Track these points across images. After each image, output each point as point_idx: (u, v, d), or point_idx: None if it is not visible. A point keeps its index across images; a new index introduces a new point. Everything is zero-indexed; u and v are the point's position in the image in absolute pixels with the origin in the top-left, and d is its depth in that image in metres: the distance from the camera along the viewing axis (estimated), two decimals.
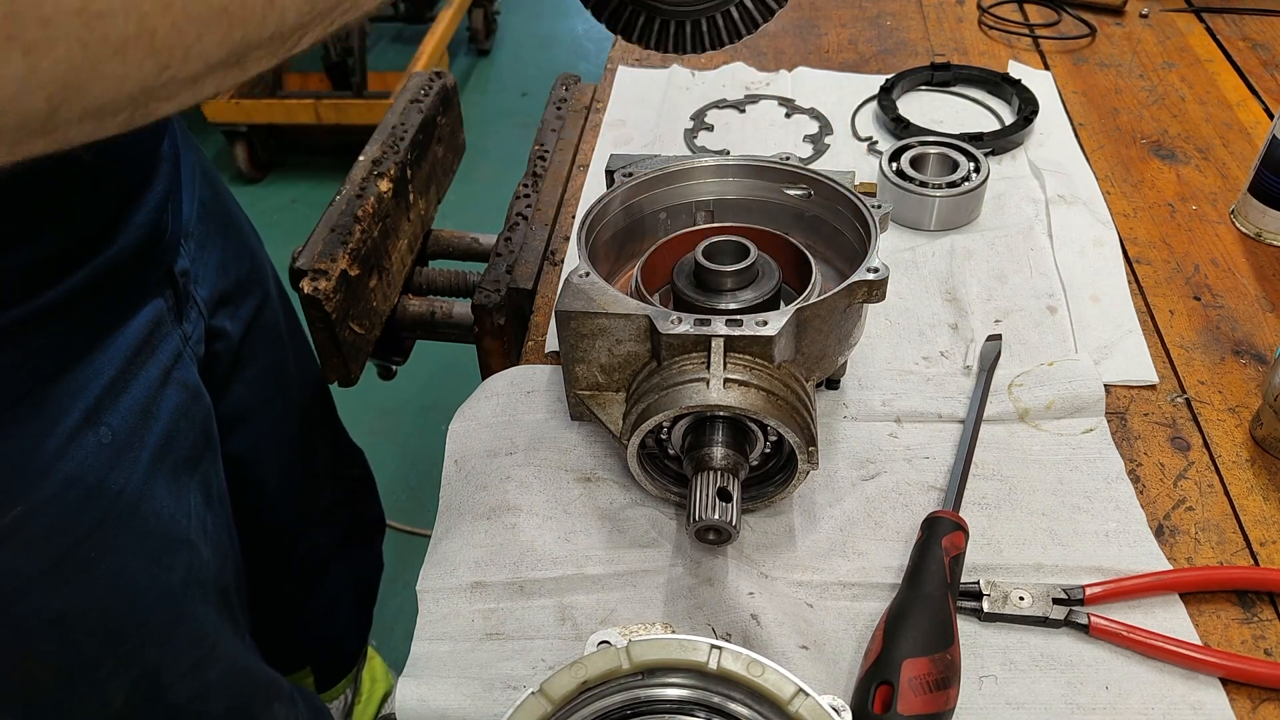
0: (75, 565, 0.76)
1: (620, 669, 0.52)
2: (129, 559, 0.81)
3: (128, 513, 0.78)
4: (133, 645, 0.85)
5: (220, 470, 0.95)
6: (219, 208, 0.99)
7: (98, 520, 0.76)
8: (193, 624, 0.91)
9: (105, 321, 0.75)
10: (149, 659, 0.87)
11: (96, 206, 0.71)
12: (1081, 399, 0.83)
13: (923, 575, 0.67)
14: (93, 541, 0.76)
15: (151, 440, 0.80)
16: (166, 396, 0.82)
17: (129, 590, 0.82)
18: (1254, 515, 0.75)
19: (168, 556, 0.85)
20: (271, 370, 1.08)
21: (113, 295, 0.75)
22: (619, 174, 0.84)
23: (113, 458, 0.76)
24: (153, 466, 0.80)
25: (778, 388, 0.67)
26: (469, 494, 0.78)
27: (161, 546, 0.84)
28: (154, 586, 0.84)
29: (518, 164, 1.23)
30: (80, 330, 0.72)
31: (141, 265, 0.78)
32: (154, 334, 0.80)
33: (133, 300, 0.78)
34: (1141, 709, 0.63)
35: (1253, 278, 0.97)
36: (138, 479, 0.79)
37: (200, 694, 0.94)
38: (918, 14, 1.47)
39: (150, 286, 0.80)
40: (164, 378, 0.82)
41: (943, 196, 1.01)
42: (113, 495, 0.76)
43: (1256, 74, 1.29)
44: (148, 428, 0.79)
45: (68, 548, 0.75)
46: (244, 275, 1.01)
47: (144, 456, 0.79)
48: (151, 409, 0.80)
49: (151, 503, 0.81)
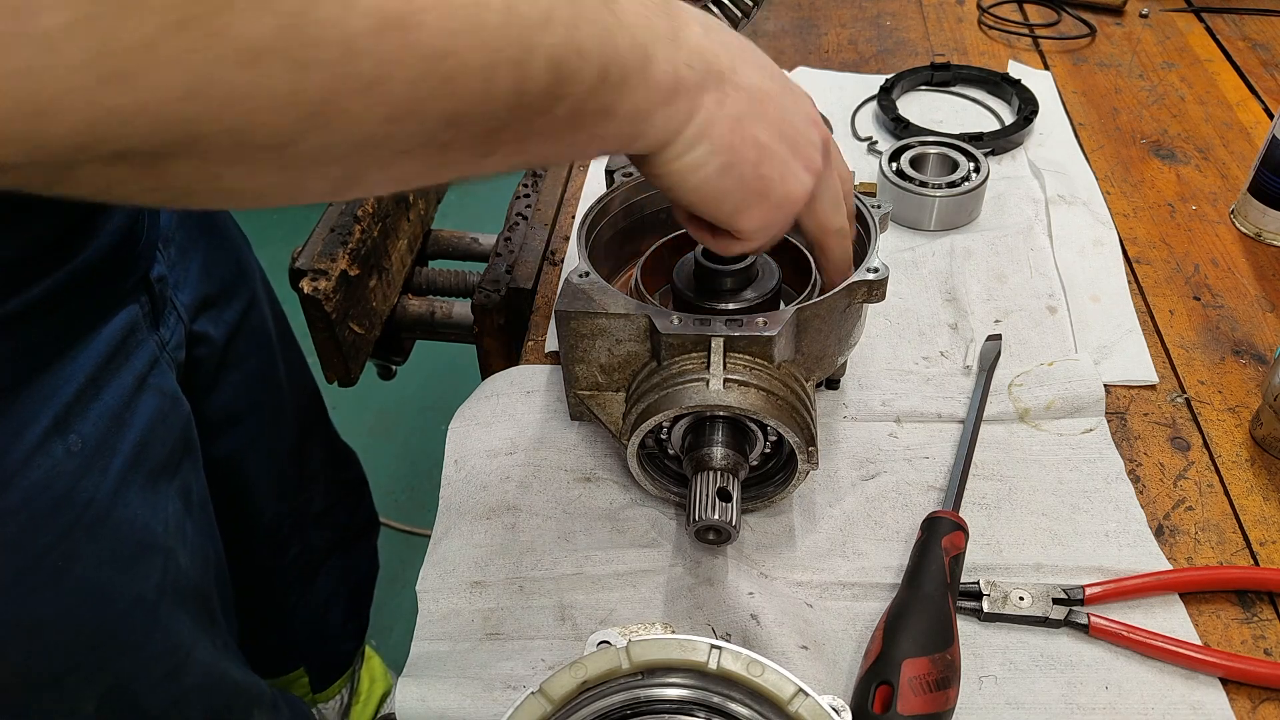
0: (43, 573, 0.74)
1: (620, 669, 0.52)
2: (99, 567, 0.79)
3: (98, 521, 0.76)
4: (104, 653, 0.83)
5: (201, 476, 0.94)
6: (202, 212, 0.97)
7: (66, 528, 0.74)
8: (167, 632, 0.89)
9: (75, 329, 0.73)
10: (121, 667, 0.86)
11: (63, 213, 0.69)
12: (1081, 399, 0.83)
13: (922, 575, 0.67)
14: (61, 549, 0.74)
15: (124, 448, 0.78)
16: (141, 403, 0.80)
17: (100, 598, 0.80)
18: (1254, 515, 0.75)
19: (141, 564, 0.83)
20: (259, 373, 1.07)
21: (82, 303, 0.73)
22: (619, 174, 0.84)
23: (82, 466, 0.74)
24: (125, 474, 0.78)
25: (778, 388, 0.67)
26: (469, 494, 0.78)
27: (134, 554, 0.82)
28: (126, 594, 0.82)
29: None
30: (48, 338, 0.71)
31: (113, 272, 0.76)
32: (128, 341, 0.79)
33: (104, 308, 0.76)
34: (1141, 709, 0.63)
35: (1253, 278, 0.97)
36: (108, 487, 0.77)
37: (175, 702, 0.92)
38: (918, 14, 1.47)
39: (123, 294, 0.79)
40: (138, 385, 0.80)
41: (943, 196, 1.01)
42: (82, 504, 0.75)
43: (1256, 74, 1.29)
44: (120, 435, 0.78)
45: (35, 556, 0.73)
46: (229, 279, 1.00)
47: (116, 464, 0.77)
48: (124, 416, 0.78)
49: (123, 510, 0.79)
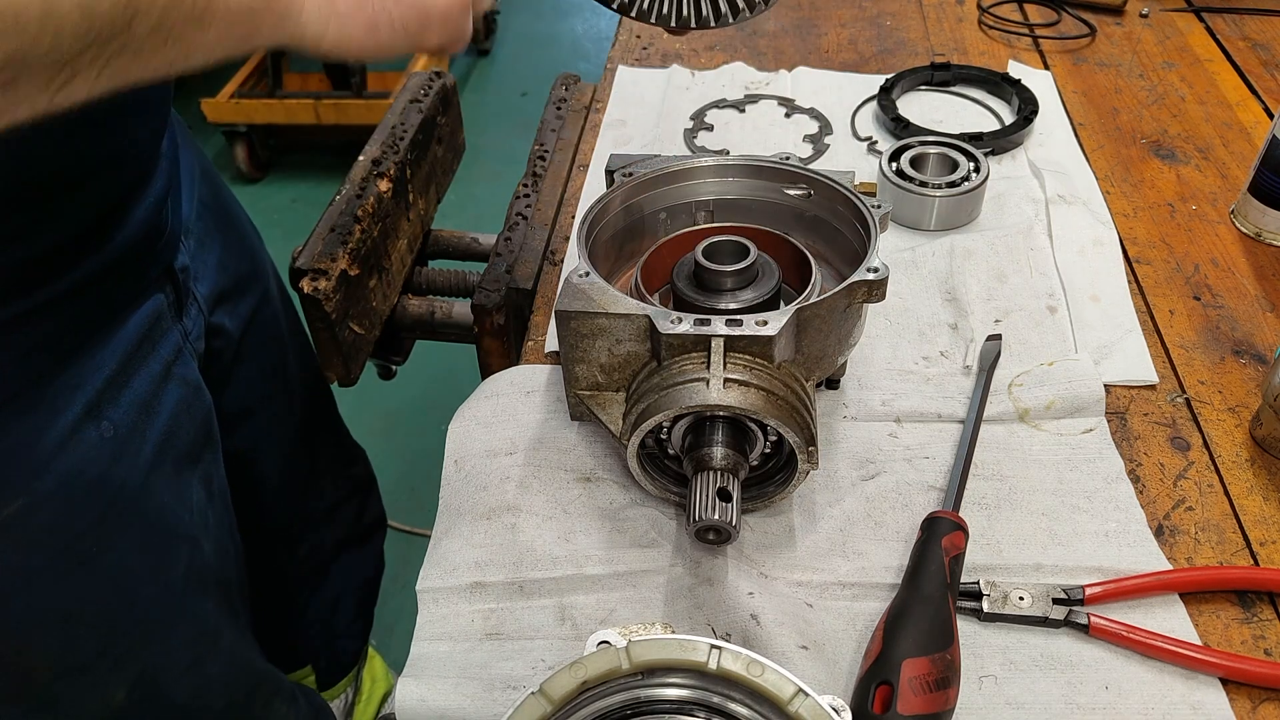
0: (77, 559, 0.76)
1: (620, 669, 0.52)
2: (130, 554, 0.81)
3: (129, 507, 0.79)
4: (134, 640, 0.85)
5: (221, 467, 0.95)
6: (218, 206, 0.99)
7: (99, 514, 0.76)
8: (194, 619, 0.91)
9: (104, 317, 0.76)
10: (150, 654, 0.87)
11: (94, 204, 0.71)
12: (1081, 399, 0.83)
13: (922, 575, 0.67)
14: (94, 536, 0.76)
15: (153, 435, 0.80)
16: (168, 392, 0.82)
17: (130, 585, 0.83)
18: (1254, 515, 0.75)
19: (169, 551, 0.85)
20: (271, 368, 1.08)
21: (112, 291, 0.75)
22: (619, 174, 0.84)
23: (114, 452, 0.76)
24: (154, 461, 0.80)
25: (778, 388, 0.67)
26: (469, 494, 0.78)
27: (163, 541, 0.84)
28: (155, 581, 0.85)
29: (517, 164, 1.23)
30: (79, 325, 0.73)
31: (140, 261, 0.78)
32: (154, 329, 0.81)
33: (132, 296, 0.78)
34: (1141, 709, 0.63)
35: (1253, 278, 0.97)
36: (139, 473, 0.79)
37: (201, 689, 0.94)
38: (918, 14, 1.47)
39: (150, 282, 0.81)
40: (165, 373, 0.82)
41: (943, 196, 1.01)
42: (114, 489, 0.77)
43: (1256, 74, 1.29)
44: (149, 423, 0.80)
45: (69, 541, 0.75)
46: (243, 273, 1.01)
47: (146, 451, 0.79)
48: (153, 404, 0.80)
49: (153, 497, 0.81)
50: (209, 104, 2.91)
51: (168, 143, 0.82)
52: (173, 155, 0.83)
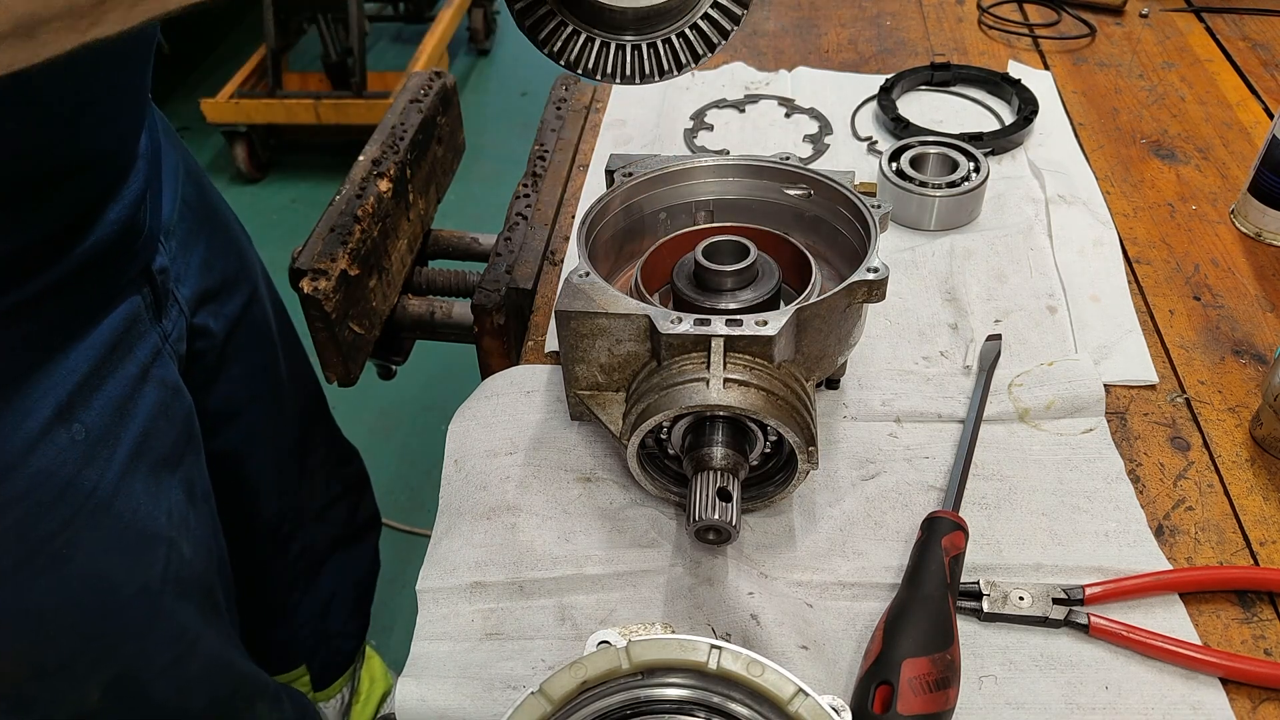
0: (47, 561, 0.75)
1: (620, 669, 0.52)
2: (103, 556, 0.80)
3: (100, 510, 0.78)
4: (110, 641, 0.85)
5: (204, 468, 0.94)
6: (203, 206, 0.98)
7: (68, 517, 0.75)
8: (171, 621, 0.90)
9: (77, 319, 0.74)
10: (126, 655, 0.87)
11: (67, 206, 0.70)
12: (1081, 399, 0.83)
13: (922, 575, 0.67)
14: (64, 537, 0.75)
15: (128, 438, 0.79)
16: (144, 394, 0.81)
17: (105, 587, 0.82)
18: (1254, 515, 0.75)
19: (145, 554, 0.84)
20: (259, 368, 1.07)
21: (85, 293, 0.74)
22: (619, 174, 0.84)
23: (86, 455, 0.75)
24: (129, 464, 0.79)
25: (778, 388, 0.67)
26: (469, 494, 0.78)
27: (138, 544, 0.83)
28: (130, 583, 0.84)
29: (517, 164, 1.23)
30: (50, 327, 0.71)
31: (115, 263, 0.77)
32: (130, 331, 0.79)
33: (106, 298, 0.77)
34: (1141, 709, 0.63)
35: (1253, 278, 0.97)
36: (112, 476, 0.78)
37: (180, 690, 0.93)
38: (917, 14, 1.47)
39: (125, 284, 0.79)
40: (142, 375, 0.81)
41: (943, 196, 1.01)
42: (85, 492, 0.76)
43: (1256, 74, 1.29)
44: (124, 425, 0.79)
45: (39, 543, 0.74)
46: (230, 273, 1.01)
47: (119, 454, 0.78)
48: (128, 407, 0.79)
49: (127, 500, 0.80)
50: (209, 104, 2.91)
51: (146, 143, 0.80)
52: (152, 156, 0.82)
